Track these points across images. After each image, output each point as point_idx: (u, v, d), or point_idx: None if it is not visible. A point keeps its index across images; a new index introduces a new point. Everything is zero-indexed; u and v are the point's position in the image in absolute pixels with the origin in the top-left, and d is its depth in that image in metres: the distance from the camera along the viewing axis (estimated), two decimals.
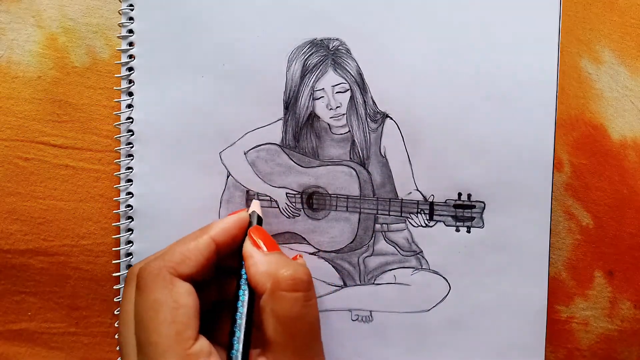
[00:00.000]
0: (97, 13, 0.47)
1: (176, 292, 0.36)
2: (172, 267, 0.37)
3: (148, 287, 0.36)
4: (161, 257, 0.38)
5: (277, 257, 0.39)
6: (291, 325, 0.36)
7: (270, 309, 0.36)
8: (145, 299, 0.36)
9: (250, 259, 0.39)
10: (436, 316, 0.46)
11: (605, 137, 0.47)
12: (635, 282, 0.47)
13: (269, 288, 0.37)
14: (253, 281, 0.38)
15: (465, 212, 0.45)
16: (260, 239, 0.40)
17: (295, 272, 0.37)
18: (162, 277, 0.36)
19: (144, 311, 0.36)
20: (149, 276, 0.37)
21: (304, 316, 0.37)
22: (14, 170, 0.46)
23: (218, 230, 0.40)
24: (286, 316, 0.36)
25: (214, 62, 0.45)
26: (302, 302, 0.37)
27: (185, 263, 0.37)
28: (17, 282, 0.46)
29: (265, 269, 0.38)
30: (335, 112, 0.45)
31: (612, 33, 0.48)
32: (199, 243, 0.39)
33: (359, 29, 0.45)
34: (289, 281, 0.37)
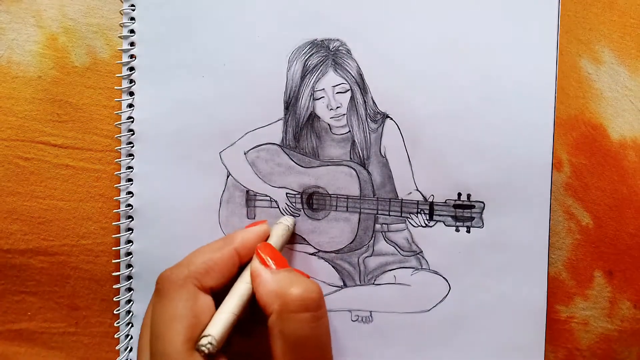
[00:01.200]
0: (97, 13, 0.47)
1: (198, 307, 0.35)
2: (197, 278, 0.36)
3: (169, 295, 0.35)
4: (185, 266, 0.37)
5: (286, 276, 0.37)
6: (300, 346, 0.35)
7: (279, 331, 0.35)
8: (164, 309, 0.35)
9: (257, 278, 0.37)
10: (436, 316, 0.46)
11: (604, 137, 0.47)
12: (635, 282, 0.47)
13: (276, 309, 0.35)
14: (261, 302, 0.36)
15: (465, 212, 0.45)
16: (269, 256, 0.39)
17: (304, 292, 0.36)
18: (187, 289, 0.36)
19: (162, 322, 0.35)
20: (172, 285, 0.36)
21: (313, 337, 0.36)
22: (14, 170, 0.46)
23: (240, 242, 0.39)
24: (294, 338, 0.35)
25: (214, 62, 0.45)
26: (310, 323, 0.35)
27: (210, 275, 0.37)
28: (17, 281, 0.46)
29: (272, 288, 0.36)
30: (335, 113, 0.45)
31: (612, 33, 0.48)
32: (224, 255, 0.38)
33: (359, 30, 0.45)
34: (298, 302, 0.35)
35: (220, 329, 0.35)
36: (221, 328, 0.35)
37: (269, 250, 0.39)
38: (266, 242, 0.41)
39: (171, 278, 0.36)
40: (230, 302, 0.37)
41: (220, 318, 0.36)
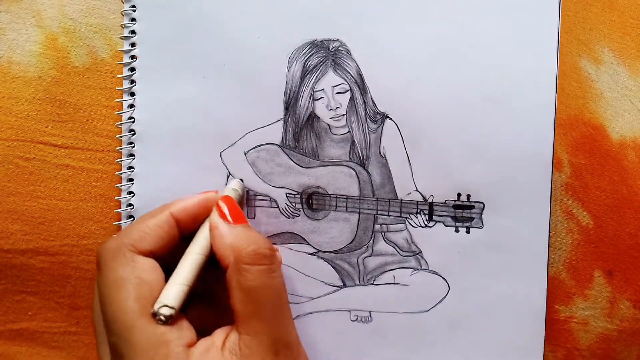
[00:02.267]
0: (97, 13, 0.47)
1: (139, 268, 0.36)
2: (131, 244, 0.37)
3: (108, 265, 0.36)
4: (119, 236, 0.37)
5: (242, 231, 0.39)
6: (256, 295, 0.36)
7: (236, 281, 0.36)
8: (105, 276, 0.36)
9: (215, 230, 0.39)
10: (435, 316, 0.46)
11: (604, 137, 0.47)
12: (634, 282, 0.47)
13: (231, 262, 0.37)
14: (218, 254, 0.38)
15: (464, 212, 0.45)
16: (228, 209, 0.40)
17: (257, 245, 0.37)
18: (122, 254, 0.36)
19: (107, 289, 0.35)
20: (107, 254, 0.36)
21: (269, 286, 0.37)
22: (14, 170, 0.46)
23: (178, 207, 0.39)
24: (251, 287, 0.36)
25: (215, 63, 0.45)
26: (266, 274, 0.37)
27: (145, 239, 0.37)
28: (17, 281, 0.47)
29: (229, 242, 0.38)
30: (335, 113, 0.45)
31: (612, 33, 0.48)
32: (158, 219, 0.38)
33: (359, 30, 0.45)
34: (251, 254, 0.37)
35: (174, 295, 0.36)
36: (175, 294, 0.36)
37: (229, 204, 0.40)
38: (227, 196, 0.41)
39: (106, 248, 0.37)
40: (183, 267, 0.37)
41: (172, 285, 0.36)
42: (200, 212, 0.40)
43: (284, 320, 0.38)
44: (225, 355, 0.35)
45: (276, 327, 0.36)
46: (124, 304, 0.34)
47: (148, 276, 0.36)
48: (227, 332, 0.37)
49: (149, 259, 0.37)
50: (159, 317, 0.34)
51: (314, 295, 0.46)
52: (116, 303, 0.35)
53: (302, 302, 0.46)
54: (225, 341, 0.36)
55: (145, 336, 0.34)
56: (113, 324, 0.34)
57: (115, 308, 0.34)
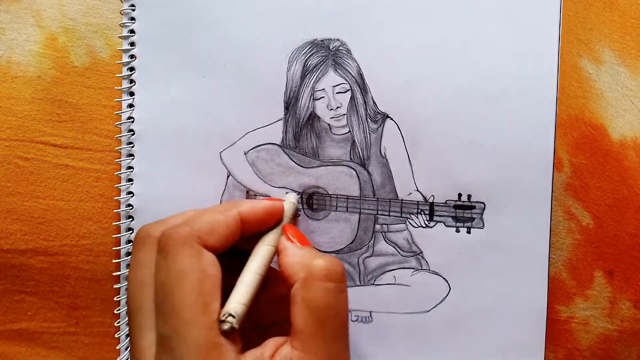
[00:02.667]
0: (97, 13, 0.47)
1: (204, 262, 0.35)
2: (200, 236, 0.36)
3: (174, 252, 0.35)
4: (187, 224, 0.37)
5: (311, 250, 0.39)
6: (322, 315, 0.35)
7: (302, 298, 0.36)
8: (171, 266, 0.35)
9: (284, 251, 0.39)
10: (436, 317, 0.46)
11: (605, 137, 0.47)
12: (635, 282, 0.47)
13: (301, 277, 0.36)
14: (286, 272, 0.37)
15: (465, 212, 0.45)
16: (294, 235, 0.40)
17: (329, 263, 0.37)
18: (190, 245, 0.35)
19: (169, 278, 0.35)
20: (175, 242, 0.35)
21: (336, 307, 0.36)
22: (14, 170, 0.46)
23: (247, 208, 0.39)
24: (317, 305, 0.35)
25: (214, 63, 0.45)
26: (334, 293, 0.36)
27: (212, 234, 0.37)
28: (17, 281, 0.46)
29: (299, 259, 0.37)
30: (335, 113, 0.45)
31: (612, 33, 0.48)
32: (227, 216, 0.38)
33: (359, 30, 0.45)
34: (323, 271, 0.36)
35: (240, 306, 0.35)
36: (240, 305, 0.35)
37: (294, 231, 0.40)
38: (291, 225, 0.42)
39: (174, 235, 0.36)
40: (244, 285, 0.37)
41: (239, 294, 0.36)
42: (266, 219, 0.40)
43: (343, 344, 0.37)
44: None
45: (334, 349, 0.36)
46: (186, 297, 0.34)
47: (211, 272, 0.35)
48: (279, 344, 0.36)
49: (212, 254, 0.36)
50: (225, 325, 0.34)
51: None
52: (178, 294, 0.34)
53: None
54: (276, 354, 0.35)
55: (202, 335, 0.33)
56: (172, 315, 0.34)
57: (177, 299, 0.34)
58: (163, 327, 0.34)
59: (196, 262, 0.35)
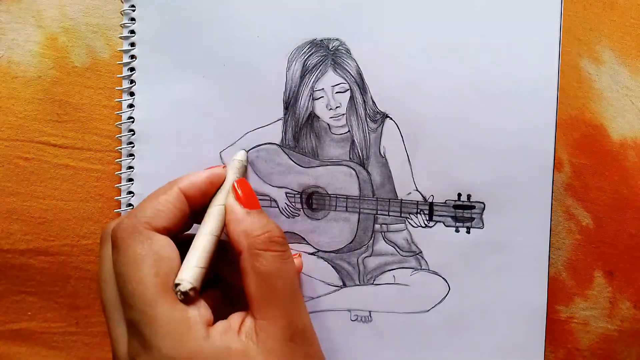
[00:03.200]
0: (97, 13, 0.47)
1: (156, 245, 0.36)
2: (146, 222, 0.37)
3: (125, 243, 0.36)
4: (132, 214, 0.37)
5: (257, 217, 0.39)
6: (272, 280, 0.36)
7: (250, 266, 0.37)
8: (124, 254, 0.36)
9: (231, 214, 0.39)
10: (435, 317, 0.46)
11: (605, 137, 0.47)
12: (635, 282, 0.47)
13: (245, 247, 0.37)
14: (232, 238, 0.38)
15: (465, 212, 0.45)
16: (243, 193, 0.40)
17: (271, 234, 0.38)
18: (139, 232, 0.36)
19: (125, 267, 0.35)
20: (124, 233, 0.36)
21: (283, 272, 0.37)
22: (14, 170, 0.46)
23: (187, 183, 0.39)
24: (265, 272, 0.36)
25: (214, 62, 0.45)
26: (280, 260, 0.37)
27: (159, 216, 0.37)
28: (17, 281, 0.47)
29: (244, 227, 0.38)
30: (335, 112, 0.45)
31: (612, 33, 0.48)
32: (169, 195, 0.38)
33: (359, 29, 0.45)
34: (266, 242, 0.37)
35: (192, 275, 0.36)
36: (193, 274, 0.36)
37: (244, 187, 0.41)
38: (243, 179, 0.42)
39: (122, 227, 0.37)
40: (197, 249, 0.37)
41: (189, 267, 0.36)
42: (209, 188, 0.40)
43: (298, 305, 0.38)
44: (242, 339, 0.35)
45: (291, 312, 0.37)
46: (145, 280, 0.34)
47: (166, 253, 0.36)
48: (243, 317, 0.37)
49: (164, 236, 0.37)
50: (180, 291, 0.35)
51: (314, 295, 0.46)
52: (136, 279, 0.35)
53: None
54: (242, 326, 0.36)
55: (167, 312, 0.34)
56: (133, 299, 0.34)
57: (136, 284, 0.34)
58: (129, 313, 0.35)
59: (148, 247, 0.36)
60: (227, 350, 0.34)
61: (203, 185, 0.40)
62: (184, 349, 0.33)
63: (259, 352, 0.35)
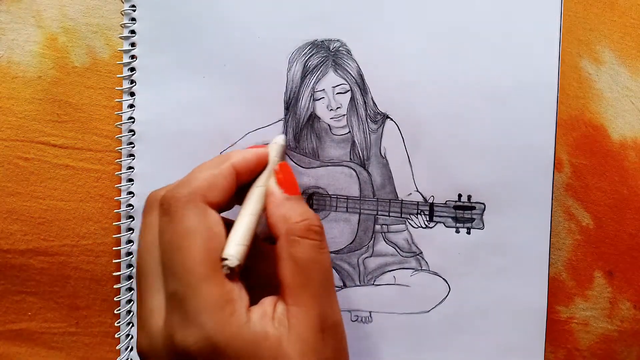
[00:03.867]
0: (97, 13, 0.47)
1: (210, 220, 0.35)
2: (202, 194, 0.36)
3: (179, 213, 0.35)
4: (187, 184, 0.36)
5: (296, 203, 0.38)
6: (308, 269, 0.36)
7: (288, 253, 0.36)
8: (176, 226, 0.35)
9: (271, 196, 0.38)
10: (436, 317, 0.46)
11: (605, 138, 0.47)
12: (635, 282, 0.47)
13: (283, 233, 0.36)
14: (271, 221, 0.37)
15: (465, 213, 0.45)
16: (285, 177, 0.40)
17: (310, 222, 0.37)
18: (194, 204, 0.35)
19: (176, 238, 0.34)
20: (178, 203, 0.35)
21: (320, 261, 0.36)
22: (14, 170, 0.46)
23: (239, 159, 0.39)
24: (302, 259, 0.36)
25: (215, 63, 0.45)
26: (317, 249, 0.36)
27: (213, 190, 0.36)
28: (17, 282, 0.46)
29: (283, 212, 0.37)
30: (335, 113, 0.45)
31: (612, 33, 0.48)
32: (223, 169, 0.37)
33: (359, 30, 0.45)
34: (304, 229, 0.36)
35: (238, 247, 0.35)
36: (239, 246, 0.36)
37: (286, 171, 0.40)
38: (285, 163, 0.41)
39: (176, 196, 0.36)
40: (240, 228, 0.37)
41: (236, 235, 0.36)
42: (257, 167, 0.40)
43: (331, 299, 0.37)
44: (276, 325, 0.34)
45: (325, 303, 0.36)
46: (196, 254, 0.34)
47: (217, 229, 0.35)
48: (274, 302, 0.36)
49: (215, 212, 0.36)
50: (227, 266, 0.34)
51: None
52: (187, 252, 0.34)
53: None
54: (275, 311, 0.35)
55: (214, 290, 0.33)
56: (182, 272, 0.33)
57: (187, 257, 0.34)
58: (173, 285, 0.34)
59: (203, 220, 0.35)
60: (264, 335, 0.33)
61: (253, 164, 0.39)
62: (226, 330, 0.33)
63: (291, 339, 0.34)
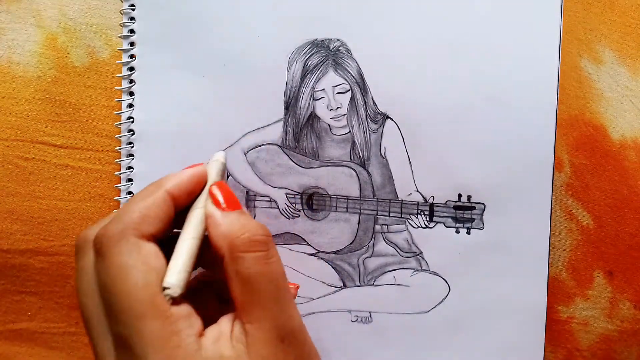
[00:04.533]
0: (97, 13, 0.47)
1: (144, 254, 0.34)
2: (134, 228, 0.35)
3: (111, 252, 0.34)
4: (118, 219, 0.35)
5: (236, 217, 0.37)
6: (254, 283, 0.35)
7: (233, 270, 0.35)
8: (110, 265, 0.34)
9: (210, 218, 0.37)
10: (436, 317, 0.46)
11: (605, 137, 0.47)
12: (635, 282, 0.47)
13: (226, 251, 0.35)
14: (214, 243, 0.36)
15: (465, 213, 0.45)
16: (222, 195, 0.38)
17: (251, 234, 0.36)
18: (126, 240, 0.34)
19: (112, 278, 0.33)
20: (110, 241, 0.34)
21: (266, 273, 0.35)
22: (14, 170, 0.46)
23: (173, 184, 0.37)
24: (248, 275, 0.35)
25: (214, 62, 0.45)
26: (262, 261, 0.35)
27: (146, 222, 0.35)
28: (17, 282, 0.46)
29: (222, 230, 0.36)
30: (335, 113, 0.45)
31: (612, 33, 0.48)
32: (156, 198, 0.36)
33: (360, 30, 0.45)
34: (246, 243, 0.35)
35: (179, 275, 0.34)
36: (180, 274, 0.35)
37: (222, 190, 0.38)
38: (221, 182, 0.39)
39: (107, 234, 0.35)
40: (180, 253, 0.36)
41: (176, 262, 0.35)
42: (194, 188, 0.38)
43: (285, 306, 0.36)
44: (234, 344, 0.34)
45: (278, 313, 0.35)
46: (133, 292, 0.33)
47: (154, 262, 0.34)
48: (232, 319, 0.36)
49: (152, 243, 0.35)
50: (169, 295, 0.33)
51: (314, 295, 0.46)
52: (124, 291, 0.33)
53: (302, 302, 0.46)
54: (232, 330, 0.35)
55: (157, 326, 0.32)
56: (121, 313, 0.33)
57: (124, 296, 0.33)
58: (116, 327, 0.33)
59: (136, 256, 0.34)
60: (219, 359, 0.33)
61: (189, 186, 0.38)
62: None
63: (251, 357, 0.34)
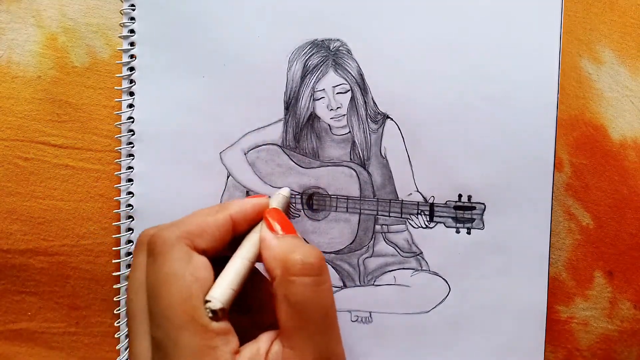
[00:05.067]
0: (97, 13, 0.47)
1: (193, 266, 0.34)
2: (189, 238, 0.35)
3: (162, 256, 0.34)
4: (176, 226, 0.36)
5: (290, 241, 0.37)
6: (302, 309, 0.35)
7: (282, 294, 0.35)
8: (159, 269, 0.34)
9: (263, 242, 0.37)
10: (436, 317, 0.46)
11: (605, 137, 0.47)
12: (635, 282, 0.47)
13: (278, 274, 0.35)
14: (266, 266, 0.36)
15: (465, 213, 0.45)
16: (276, 220, 0.39)
17: (304, 257, 0.36)
18: (179, 248, 0.35)
19: (158, 283, 0.34)
20: (163, 245, 0.35)
21: (316, 300, 0.35)
22: (14, 170, 0.46)
23: (237, 209, 0.38)
24: (297, 300, 0.34)
25: (214, 63, 0.45)
26: (312, 287, 0.35)
27: (203, 236, 0.36)
28: (17, 282, 0.46)
29: (276, 253, 0.36)
30: (335, 113, 0.45)
31: (612, 33, 0.48)
32: (218, 219, 0.37)
33: (360, 30, 0.45)
34: (299, 265, 0.35)
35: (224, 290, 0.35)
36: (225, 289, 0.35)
37: (276, 216, 0.39)
38: (275, 208, 0.40)
39: (162, 237, 0.35)
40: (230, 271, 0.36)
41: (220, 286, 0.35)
42: (254, 216, 0.39)
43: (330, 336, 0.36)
44: None
45: (321, 343, 0.35)
46: (176, 302, 0.33)
47: (202, 275, 0.34)
48: (272, 339, 0.35)
49: (203, 257, 0.35)
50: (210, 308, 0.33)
51: None
52: (168, 299, 0.33)
53: None
54: (269, 351, 0.35)
55: (194, 339, 0.33)
56: (162, 319, 0.33)
57: (167, 304, 0.33)
58: (156, 331, 0.34)
59: (184, 265, 0.34)
60: None
61: (251, 214, 0.39)
62: None
63: None
